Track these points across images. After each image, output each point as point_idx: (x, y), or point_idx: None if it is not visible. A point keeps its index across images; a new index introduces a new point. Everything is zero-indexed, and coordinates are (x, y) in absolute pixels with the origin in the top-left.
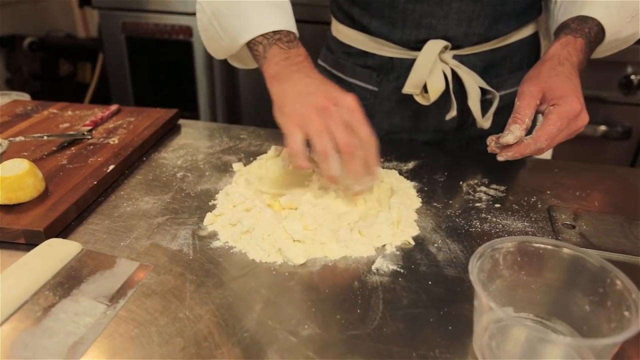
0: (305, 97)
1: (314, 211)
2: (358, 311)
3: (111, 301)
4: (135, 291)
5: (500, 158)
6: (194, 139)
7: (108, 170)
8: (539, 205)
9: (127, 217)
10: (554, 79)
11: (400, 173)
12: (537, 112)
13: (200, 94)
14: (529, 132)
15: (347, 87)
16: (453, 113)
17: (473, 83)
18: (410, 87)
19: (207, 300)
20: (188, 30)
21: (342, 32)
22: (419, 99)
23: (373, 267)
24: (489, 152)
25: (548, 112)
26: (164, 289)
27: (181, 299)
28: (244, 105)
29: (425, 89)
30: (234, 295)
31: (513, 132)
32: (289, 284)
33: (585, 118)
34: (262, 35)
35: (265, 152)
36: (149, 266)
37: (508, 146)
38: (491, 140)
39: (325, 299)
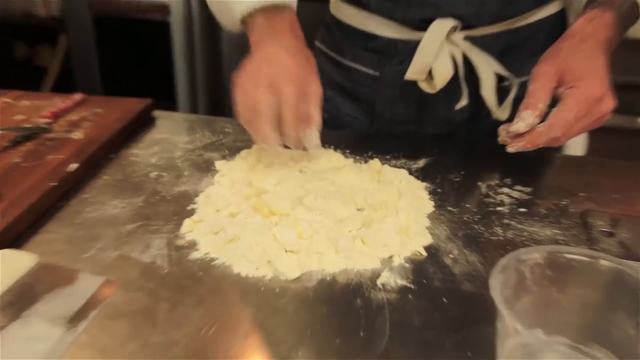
0: (261, 67)
1: (310, 216)
2: (361, 334)
3: (70, 324)
4: (99, 312)
5: (510, 149)
6: (170, 134)
7: (70, 170)
8: (572, 210)
9: (92, 225)
10: (574, 57)
11: (410, 172)
12: (554, 96)
13: (178, 81)
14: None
15: (346, 71)
16: (463, 102)
17: (487, 68)
18: (413, 72)
19: (184, 322)
20: (165, 9)
21: (341, 10)
22: (423, 86)
23: (378, 282)
24: (499, 143)
25: (564, 96)
26: (133, 309)
27: (154, 321)
28: (230, 94)
29: (431, 74)
30: (216, 316)
31: (524, 119)
32: (281, 303)
33: (609, 103)
34: (255, 9)
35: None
36: (115, 282)
37: (519, 135)
38: (502, 130)
39: (322, 320)
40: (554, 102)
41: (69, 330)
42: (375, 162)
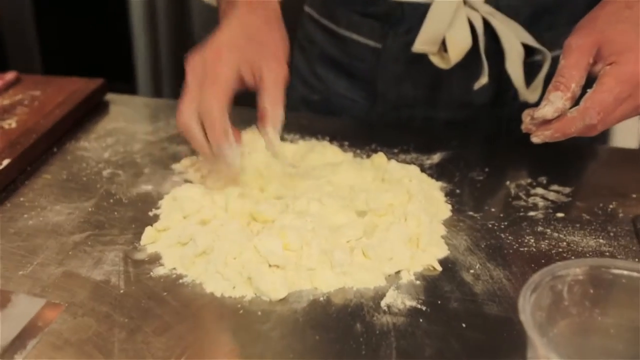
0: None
1: (299, 223)
2: None
3: (2, 357)
4: (40, 341)
5: (535, 139)
6: (127, 122)
7: (1, 167)
8: (621, 215)
9: (29, 234)
10: (615, 27)
11: (422, 169)
12: (590, 74)
13: (138, 58)
14: (578, 102)
15: (342, 42)
16: (484, 80)
17: (513, 38)
18: (423, 43)
19: (144, 353)
20: None
21: None
22: (435, 61)
23: (383, 303)
24: (523, 131)
25: (603, 74)
26: (81, 338)
27: (107, 352)
28: None
29: (444, 46)
30: (183, 345)
31: (553, 103)
32: (264, 328)
33: None
34: None
35: None
36: (60, 305)
37: (546, 122)
38: (527, 115)
39: (314, 349)
40: (590, 81)
41: None
42: (379, 157)
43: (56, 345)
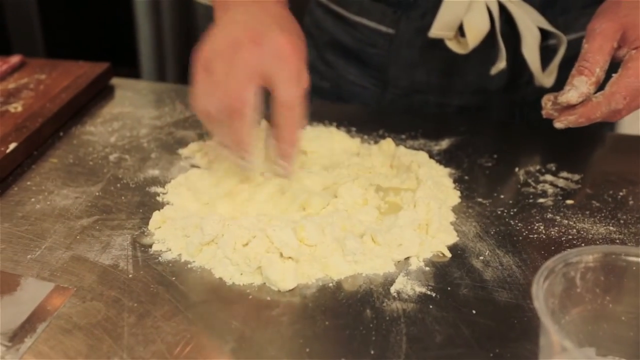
0: (227, 30)
1: (320, 218)
2: (372, 352)
3: (12, 341)
4: (49, 325)
5: (558, 125)
6: (134, 107)
7: (7, 151)
8: (631, 202)
9: (37, 218)
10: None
11: (431, 155)
12: (614, 59)
13: (142, 42)
14: (601, 87)
15: (352, 28)
16: (501, 65)
17: (529, 22)
18: (440, 28)
19: (153, 337)
20: None
21: None
22: (452, 46)
23: (392, 290)
24: (544, 116)
25: (629, 59)
26: (91, 322)
27: (116, 337)
28: None
29: (461, 31)
30: (193, 330)
31: (577, 88)
32: (272, 314)
33: None
34: None
35: None
36: (69, 289)
37: (570, 107)
38: (547, 101)
39: (324, 335)
40: (614, 67)
41: (11, 349)
42: (387, 143)
43: (66, 329)
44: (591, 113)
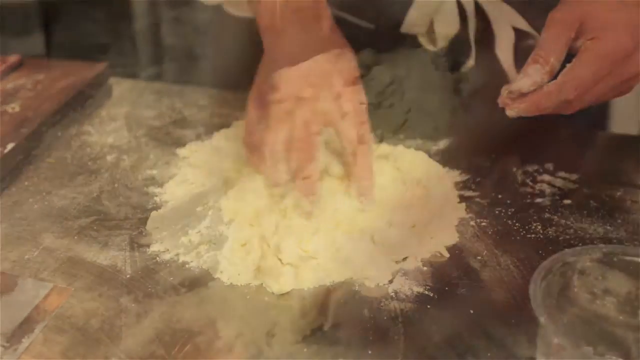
0: (300, 68)
1: (325, 224)
2: (369, 352)
3: (10, 341)
4: (47, 325)
5: (509, 113)
6: (131, 106)
7: (5, 151)
8: (628, 202)
9: (35, 219)
10: (600, 2)
11: (429, 155)
12: (571, 50)
13: (139, 40)
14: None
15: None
16: (470, 63)
17: (504, 22)
18: (410, 25)
19: (151, 337)
20: None
21: None
22: (424, 43)
23: (390, 290)
24: (500, 105)
25: (583, 49)
26: (89, 322)
27: (114, 337)
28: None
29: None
30: (190, 331)
31: (530, 76)
32: (271, 314)
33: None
34: None
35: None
36: (67, 289)
37: (522, 96)
38: (505, 89)
39: (321, 335)
40: (571, 57)
41: (9, 349)
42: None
43: (63, 330)
44: (541, 102)
